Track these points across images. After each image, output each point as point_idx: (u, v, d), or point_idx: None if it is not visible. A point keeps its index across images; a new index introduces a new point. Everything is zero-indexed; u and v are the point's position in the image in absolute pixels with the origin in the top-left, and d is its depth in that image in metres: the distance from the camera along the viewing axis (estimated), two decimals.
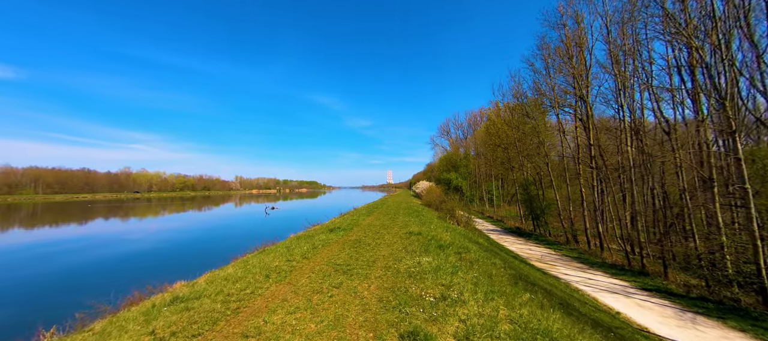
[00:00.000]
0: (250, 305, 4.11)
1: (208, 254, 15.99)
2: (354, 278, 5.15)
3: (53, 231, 25.32)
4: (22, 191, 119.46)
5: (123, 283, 11.25)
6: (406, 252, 7.03)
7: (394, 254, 6.85)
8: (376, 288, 4.61)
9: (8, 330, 7.62)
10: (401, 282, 4.82)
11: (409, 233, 9.81)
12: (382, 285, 4.73)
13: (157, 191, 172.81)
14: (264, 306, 4.02)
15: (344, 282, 4.95)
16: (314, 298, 4.23)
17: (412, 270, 5.43)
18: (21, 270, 13.37)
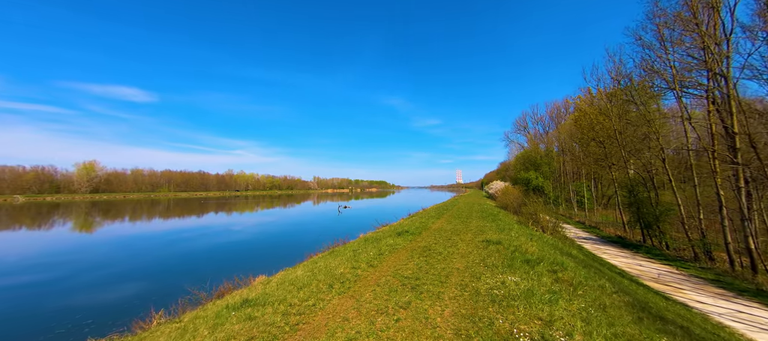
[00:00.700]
0: (310, 321, 3.77)
1: (289, 246, 17.25)
2: (424, 297, 4.44)
3: (180, 222, 31.00)
4: (160, 189, 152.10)
5: (222, 270, 12.77)
6: (484, 266, 6.01)
7: (471, 268, 5.90)
8: (450, 314, 3.83)
9: (136, 303, 9.12)
10: (483, 309, 3.93)
11: (487, 241, 8.61)
12: (458, 311, 3.92)
13: (252, 189, 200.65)
14: (324, 324, 3.63)
15: (413, 301, 4.28)
16: (378, 321, 3.67)
17: (496, 293, 4.44)
18: (156, 252, 16.41)
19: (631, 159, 23.56)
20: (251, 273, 10.85)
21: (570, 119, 46.01)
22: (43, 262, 14.94)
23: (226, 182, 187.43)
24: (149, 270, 13.51)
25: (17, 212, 47.53)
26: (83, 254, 16.90)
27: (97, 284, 11.72)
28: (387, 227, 15.83)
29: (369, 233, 15.21)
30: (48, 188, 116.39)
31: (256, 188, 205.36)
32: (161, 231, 24.96)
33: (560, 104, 58.77)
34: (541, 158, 49.49)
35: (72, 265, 14.52)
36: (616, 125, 23.92)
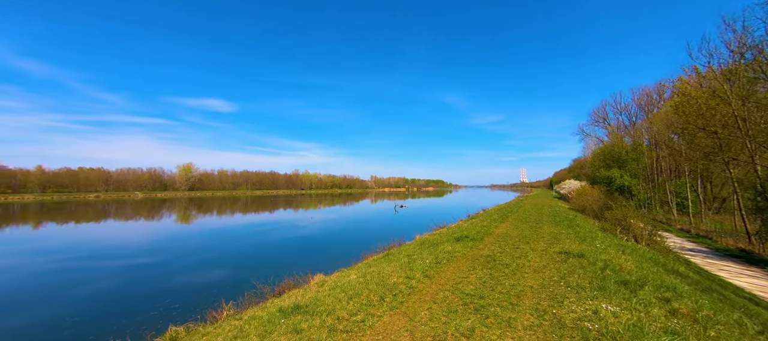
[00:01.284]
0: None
1: (347, 244, 17.54)
2: (491, 322, 3.71)
3: (256, 216, 34.44)
4: (240, 188, 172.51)
5: (287, 263, 13.54)
6: (566, 286, 4.94)
7: (548, 288, 4.90)
8: None
9: (214, 290, 10.02)
10: None
11: (565, 253, 7.30)
12: None
13: (315, 188, 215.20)
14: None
15: (477, 327, 3.58)
16: None
17: (588, 327, 3.48)
18: (237, 242, 18.29)
19: (760, 152, 18.49)
20: (310, 270, 11.11)
21: (667, 106, 38.52)
22: (154, 247, 17.73)
23: (293, 181, 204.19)
24: (230, 258, 14.97)
25: (138, 205, 58.37)
26: (182, 242, 19.63)
27: (189, 268, 13.31)
28: (444, 230, 14.97)
29: (425, 236, 14.56)
30: (158, 186, 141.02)
31: (318, 187, 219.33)
32: (241, 225, 27.89)
33: (651, 89, 49.81)
34: (627, 153, 42.37)
35: (173, 251, 16.90)
36: (737, 110, 18.97)
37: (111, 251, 16.89)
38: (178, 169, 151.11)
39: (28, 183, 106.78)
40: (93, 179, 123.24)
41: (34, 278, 11.97)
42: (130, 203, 67.19)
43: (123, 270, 13.15)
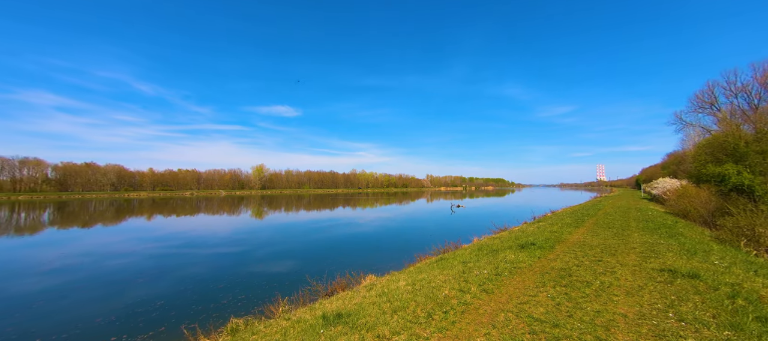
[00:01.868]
0: None
1: (400, 244, 17.18)
2: None
3: (318, 213, 36.52)
4: (304, 187, 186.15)
5: (343, 261, 13.72)
6: (678, 320, 3.74)
7: (650, 320, 3.76)
8: None
9: (276, 284, 10.55)
10: None
11: (670, 271, 5.75)
12: None
13: (371, 187, 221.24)
14: None
15: None
16: None
17: None
18: (301, 237, 19.44)
19: None
20: (364, 269, 10.99)
21: None
22: (235, 239, 19.77)
23: (351, 180, 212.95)
24: (294, 252, 15.80)
25: (221, 202, 66.89)
26: (256, 235, 21.53)
27: (260, 260, 14.27)
28: (506, 233, 13.58)
29: (484, 239, 13.40)
30: (237, 184, 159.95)
31: (374, 186, 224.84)
32: (305, 221, 29.76)
33: None
34: (747, 144, 33.83)
35: (249, 243, 18.56)
36: None
37: (201, 241, 19.29)
38: (253, 170, 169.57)
39: (143, 182, 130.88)
40: (188, 179, 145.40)
41: (146, 260, 14.17)
42: (216, 200, 77.40)
43: (208, 258, 14.74)
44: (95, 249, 17.05)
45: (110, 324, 7.44)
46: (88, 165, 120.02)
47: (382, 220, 29.81)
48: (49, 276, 11.88)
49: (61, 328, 7.28)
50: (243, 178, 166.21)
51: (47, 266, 13.28)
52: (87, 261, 14.29)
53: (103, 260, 14.40)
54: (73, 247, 17.78)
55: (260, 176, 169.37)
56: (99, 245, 18.18)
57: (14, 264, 13.75)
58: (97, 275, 11.98)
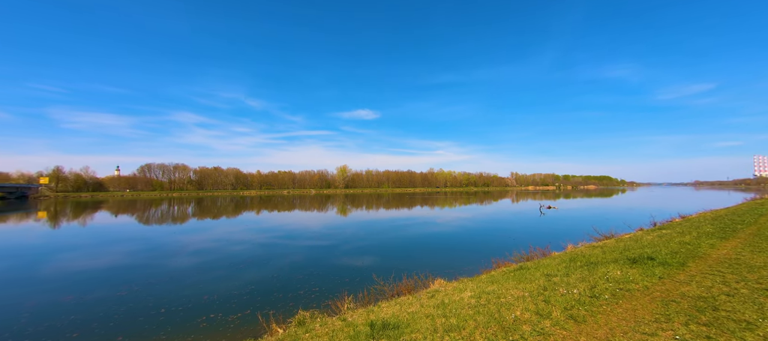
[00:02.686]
0: None
1: (477, 246, 15.88)
2: None
3: (396, 212, 37.24)
4: (383, 186, 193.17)
5: (415, 261, 13.31)
6: None
7: None
8: None
9: (346, 279, 10.84)
10: None
11: None
12: None
13: (449, 186, 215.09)
14: None
15: None
16: None
17: None
18: (380, 235, 19.97)
19: None
20: (434, 272, 10.34)
21: None
22: (323, 233, 21.60)
23: (428, 180, 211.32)
24: (372, 248, 16.15)
25: (312, 199, 74.64)
26: (339, 230, 23.13)
27: (340, 253, 15.08)
28: (611, 242, 10.98)
29: (580, 247, 11.14)
30: (324, 184, 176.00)
31: (453, 185, 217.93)
32: (383, 218, 30.63)
33: None
34: None
35: (332, 237, 19.97)
36: None
37: (296, 233, 21.69)
38: (337, 170, 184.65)
39: (252, 182, 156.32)
40: (285, 179, 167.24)
41: (256, 248, 16.57)
42: (307, 197, 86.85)
43: (300, 249, 16.30)
44: (222, 236, 21.00)
45: (219, 301, 8.68)
46: (216, 169, 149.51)
47: (460, 220, 28.31)
48: (194, 255, 15.19)
49: (199, 297, 9.07)
50: (329, 178, 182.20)
51: (192, 248, 17.05)
52: (217, 245, 17.71)
53: (228, 246, 17.49)
54: (208, 234, 22.13)
55: (343, 176, 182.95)
56: (224, 233, 22.23)
57: (174, 245, 18.02)
58: (223, 258, 14.55)
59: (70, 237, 21.79)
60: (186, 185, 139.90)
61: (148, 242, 19.23)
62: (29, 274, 12.15)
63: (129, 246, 17.68)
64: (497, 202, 57.46)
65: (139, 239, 20.13)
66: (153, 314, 7.98)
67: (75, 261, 14.25)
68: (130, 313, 8.04)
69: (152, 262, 13.97)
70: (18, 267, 13.32)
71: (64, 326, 7.28)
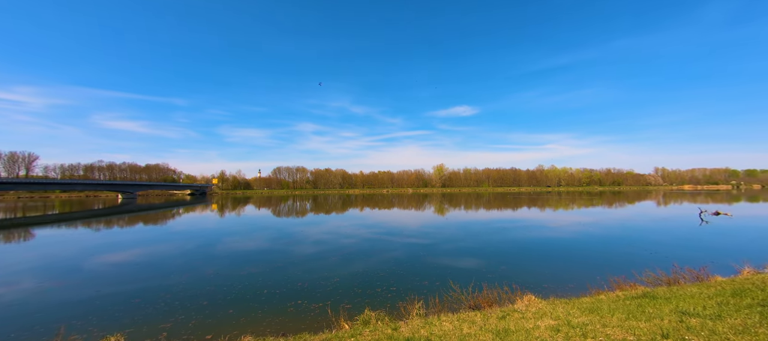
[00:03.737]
0: None
1: (595, 260, 12.98)
2: None
3: (498, 213, 34.70)
4: (482, 185, 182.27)
5: (508, 270, 11.90)
6: None
7: None
8: None
9: (421, 280, 10.60)
10: None
11: None
12: None
13: (564, 185, 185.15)
14: None
15: None
16: None
17: None
18: (484, 236, 19.00)
19: None
20: (528, 286, 9.10)
21: None
22: (422, 232, 21.96)
23: (536, 178, 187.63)
24: (461, 250, 15.30)
25: (409, 198, 76.87)
26: (436, 230, 23.05)
27: (442, 254, 14.84)
28: None
29: (756, 275, 7.77)
30: (421, 183, 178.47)
31: (569, 184, 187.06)
32: (482, 219, 28.87)
33: None
34: None
35: (430, 236, 20.05)
36: None
37: (397, 230, 22.74)
38: (434, 169, 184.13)
39: (356, 182, 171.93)
40: (384, 179, 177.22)
41: (363, 242, 18.20)
42: (405, 196, 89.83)
43: (400, 246, 16.78)
44: (334, 230, 23.99)
45: (308, 289, 9.82)
46: (327, 170, 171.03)
47: (576, 226, 23.92)
48: (313, 245, 17.70)
49: (316, 280, 10.54)
50: (425, 177, 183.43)
51: (312, 238, 19.93)
52: (330, 238, 20.21)
53: (339, 239, 19.70)
54: (323, 227, 25.70)
55: (440, 175, 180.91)
56: (336, 227, 25.34)
57: (297, 235, 21.60)
58: (336, 249, 16.37)
59: (232, 225, 29.02)
60: (304, 185, 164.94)
61: (280, 231, 23.68)
62: (207, 251, 16.39)
63: (267, 234, 22.06)
64: (633, 205, 46.24)
65: (273, 229, 25.08)
66: (258, 294, 9.54)
67: (234, 243, 18.71)
68: (247, 290, 9.84)
69: (281, 248, 16.94)
70: (203, 245, 18.25)
71: (203, 289, 9.50)
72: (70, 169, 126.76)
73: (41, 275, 12.27)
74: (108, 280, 11.39)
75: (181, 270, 12.59)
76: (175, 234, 23.43)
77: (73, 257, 15.57)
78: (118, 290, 10.14)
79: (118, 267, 13.34)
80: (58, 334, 5.69)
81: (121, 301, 9.07)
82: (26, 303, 9.14)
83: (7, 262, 14.66)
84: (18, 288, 10.65)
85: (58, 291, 10.18)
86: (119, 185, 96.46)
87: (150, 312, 8.24)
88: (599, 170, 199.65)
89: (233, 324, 7.31)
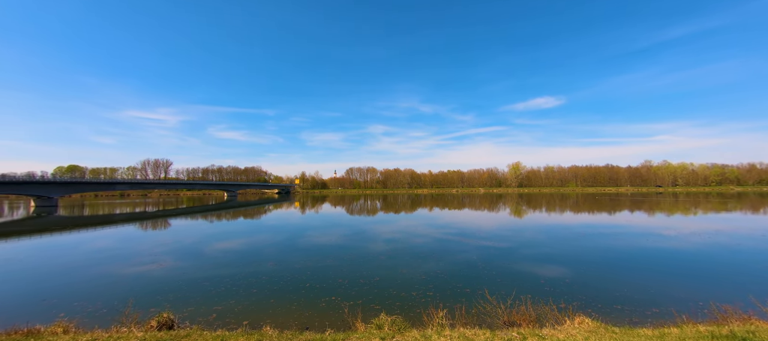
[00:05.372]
0: None
1: (709, 279, 9.86)
2: None
3: (590, 217, 30.23)
4: (568, 184, 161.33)
5: (577, 283, 9.74)
6: None
7: None
8: None
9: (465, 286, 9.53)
10: None
11: None
12: None
13: (683, 185, 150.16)
14: None
15: None
16: None
17: None
18: (574, 242, 16.83)
19: None
20: (574, 306, 7.31)
21: None
22: (496, 235, 20.32)
23: (642, 176, 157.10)
24: (542, 256, 13.51)
25: (482, 199, 72.70)
26: (519, 233, 20.90)
27: (521, 258, 13.63)
28: None
29: None
30: (494, 183, 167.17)
31: (689, 183, 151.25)
32: (570, 223, 25.14)
33: None
34: None
35: (514, 239, 18.55)
36: None
37: (471, 232, 21.54)
38: (509, 168, 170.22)
39: (424, 181, 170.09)
40: (454, 178, 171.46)
41: (433, 242, 17.81)
42: (476, 196, 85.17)
43: (474, 249, 15.84)
44: (404, 229, 24.14)
45: (424, 282, 9.72)
46: (396, 170, 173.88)
47: (686, 234, 18.93)
48: (386, 242, 18.13)
49: (385, 275, 10.57)
50: (499, 176, 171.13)
51: (385, 236, 20.47)
52: (402, 236, 20.42)
53: (410, 238, 19.36)
54: (394, 226, 26.09)
55: (517, 174, 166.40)
56: (406, 227, 25.36)
57: (370, 232, 22.40)
58: (407, 248, 16.23)
59: (312, 220, 31.97)
60: (375, 184, 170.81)
61: (353, 228, 24.70)
62: (293, 243, 18.09)
63: (342, 231, 23.18)
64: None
65: (347, 226, 26.30)
66: (299, 286, 9.86)
67: (315, 237, 20.27)
68: (283, 281, 10.24)
69: (350, 244, 17.57)
70: (291, 237, 20.31)
71: (322, 275, 10.17)
72: (193, 172, 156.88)
73: (197, 256, 15.12)
74: (216, 262, 13.44)
75: (266, 258, 14.02)
76: (266, 228, 26.51)
77: (195, 242, 18.84)
78: (220, 273, 11.73)
79: (225, 253, 15.55)
80: (128, 307, 6.78)
81: (218, 282, 10.40)
82: (186, 278, 11.20)
83: (152, 244, 18.55)
84: (181, 264, 13.21)
85: (207, 269, 12.30)
86: (225, 185, 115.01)
87: (236, 292, 9.28)
88: (736, 165, 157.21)
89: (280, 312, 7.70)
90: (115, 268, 12.76)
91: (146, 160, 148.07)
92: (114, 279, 11.28)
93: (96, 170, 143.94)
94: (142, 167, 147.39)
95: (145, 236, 22.10)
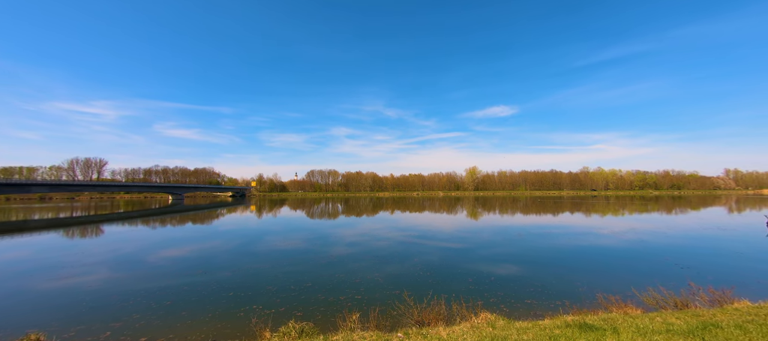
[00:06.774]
0: None
1: (617, 272, 11.36)
2: None
3: (537, 218, 32.68)
4: (518, 188, 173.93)
5: (496, 280, 10.68)
6: None
7: None
8: None
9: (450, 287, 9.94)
10: None
11: None
12: None
13: (613, 188, 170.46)
14: None
15: None
16: None
17: None
18: (529, 242, 17.93)
19: None
20: (490, 302, 8.03)
21: None
22: (455, 236, 21.01)
23: (580, 181, 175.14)
24: (512, 257, 14.22)
25: (440, 201, 75.18)
26: (476, 235, 21.67)
27: (478, 259, 13.94)
28: None
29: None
30: (452, 186, 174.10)
31: (618, 187, 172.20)
32: (521, 225, 27.00)
33: None
34: None
35: (470, 241, 19.18)
36: None
37: (429, 234, 21.98)
38: (466, 172, 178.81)
39: (386, 185, 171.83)
40: (415, 182, 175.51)
41: (397, 245, 17.81)
42: (436, 199, 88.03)
43: (435, 250, 16.22)
44: (367, 232, 23.75)
45: (355, 286, 9.54)
46: (358, 173, 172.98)
47: (603, 234, 21.56)
48: (346, 246, 17.72)
49: (346, 279, 10.22)
50: (458, 180, 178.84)
51: (346, 240, 19.99)
52: (364, 239, 20.18)
53: (372, 241, 19.40)
54: (356, 229, 25.64)
55: (473, 178, 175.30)
56: (369, 230, 25.17)
57: (332, 237, 21.65)
58: (369, 250, 16.20)
59: (270, 225, 30.20)
60: (336, 187, 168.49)
61: (314, 232, 23.99)
62: (248, 249, 17.00)
63: (303, 235, 22.33)
64: (698, 212, 41.13)
65: (308, 230, 25.52)
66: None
67: (273, 243, 19.19)
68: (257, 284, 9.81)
69: (303, 248, 16.97)
70: (246, 242, 19.08)
71: (251, 282, 9.59)
72: (132, 173, 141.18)
73: (109, 267, 13.36)
74: (136, 274, 12.14)
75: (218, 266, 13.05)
76: (212, 234, 24.69)
77: (135, 251, 16.90)
78: (136, 286, 10.65)
79: (148, 264, 14.16)
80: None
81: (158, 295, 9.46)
82: (92, 292, 9.88)
83: (82, 253, 16.27)
84: (88, 278, 11.63)
85: (118, 282, 10.94)
86: (170, 188, 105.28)
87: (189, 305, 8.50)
88: (655, 172, 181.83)
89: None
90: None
91: (75, 158, 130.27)
92: None
93: (9, 169, 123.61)
94: (69, 166, 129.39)
95: (54, 247, 19.09)
